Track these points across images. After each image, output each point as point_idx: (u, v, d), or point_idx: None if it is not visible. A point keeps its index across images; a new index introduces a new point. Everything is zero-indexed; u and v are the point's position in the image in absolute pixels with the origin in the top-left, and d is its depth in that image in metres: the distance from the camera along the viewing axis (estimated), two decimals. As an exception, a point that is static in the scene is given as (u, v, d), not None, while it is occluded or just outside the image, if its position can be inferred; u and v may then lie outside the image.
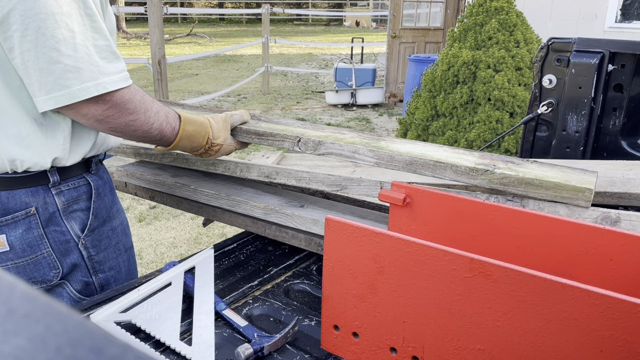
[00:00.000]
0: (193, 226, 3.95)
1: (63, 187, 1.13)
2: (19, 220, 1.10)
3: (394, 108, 8.36)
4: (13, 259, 1.12)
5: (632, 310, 0.60)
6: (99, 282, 1.23)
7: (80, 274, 1.20)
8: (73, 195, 1.15)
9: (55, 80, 0.94)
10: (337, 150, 1.13)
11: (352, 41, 10.79)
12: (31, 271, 1.14)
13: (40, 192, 1.11)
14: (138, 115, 1.04)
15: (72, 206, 1.15)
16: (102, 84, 0.97)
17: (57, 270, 1.16)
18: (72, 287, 1.19)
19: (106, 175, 1.26)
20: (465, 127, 3.92)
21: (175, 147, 1.17)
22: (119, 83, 0.99)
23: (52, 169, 1.11)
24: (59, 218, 1.14)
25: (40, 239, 1.12)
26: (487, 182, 0.99)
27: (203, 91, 9.15)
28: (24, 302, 0.22)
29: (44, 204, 1.11)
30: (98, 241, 1.21)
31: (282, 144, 1.20)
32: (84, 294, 1.21)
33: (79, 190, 1.16)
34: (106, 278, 1.24)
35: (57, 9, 0.92)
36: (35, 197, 1.10)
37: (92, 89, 0.96)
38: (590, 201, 0.92)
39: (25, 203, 1.10)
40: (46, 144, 1.07)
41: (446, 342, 0.78)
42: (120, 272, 1.28)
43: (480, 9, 4.04)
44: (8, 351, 0.19)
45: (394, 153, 1.08)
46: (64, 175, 1.13)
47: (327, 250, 0.86)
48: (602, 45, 1.83)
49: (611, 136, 1.92)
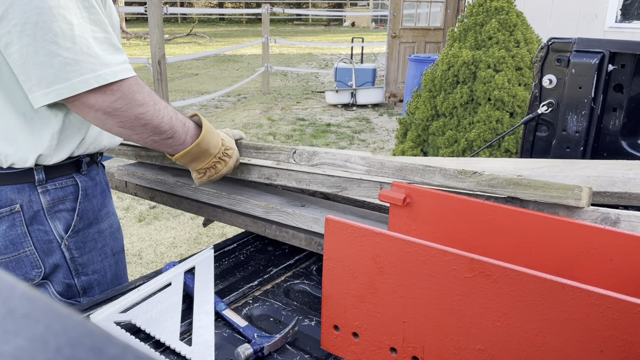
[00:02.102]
0: (193, 226, 3.95)
1: (49, 185, 1.12)
2: (3, 217, 1.09)
3: (394, 108, 8.36)
4: None
5: (632, 310, 0.60)
6: (82, 285, 1.21)
7: (62, 275, 1.18)
8: (59, 195, 1.13)
9: (55, 73, 0.93)
10: (329, 160, 1.16)
11: (352, 41, 10.79)
12: (13, 269, 1.12)
13: (26, 189, 1.09)
14: (147, 108, 1.01)
15: (58, 206, 1.14)
16: (101, 76, 0.95)
17: (39, 269, 1.14)
18: (53, 288, 1.18)
19: (99, 177, 1.24)
20: (465, 127, 3.92)
21: (192, 150, 1.12)
22: (120, 74, 0.97)
23: (38, 167, 1.09)
24: (43, 217, 1.12)
25: (23, 237, 1.11)
26: (475, 185, 0.99)
27: (203, 91, 9.15)
28: (24, 302, 0.22)
29: (29, 201, 1.10)
30: (82, 243, 1.19)
31: (279, 157, 1.23)
32: (65, 295, 1.19)
33: (65, 190, 1.14)
34: (89, 281, 1.22)
35: (55, 2, 0.92)
36: (20, 195, 1.09)
37: (91, 80, 0.94)
38: (581, 199, 0.90)
39: (11, 200, 1.09)
40: (32, 140, 1.05)
41: (446, 342, 0.78)
42: (105, 275, 1.26)
43: (480, 8, 4.04)
44: (8, 351, 0.19)
45: (384, 160, 1.10)
46: (51, 174, 1.11)
47: (327, 250, 0.86)
48: (602, 45, 1.83)
49: (611, 136, 1.92)
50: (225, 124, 7.14)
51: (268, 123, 7.25)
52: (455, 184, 1.01)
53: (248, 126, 7.02)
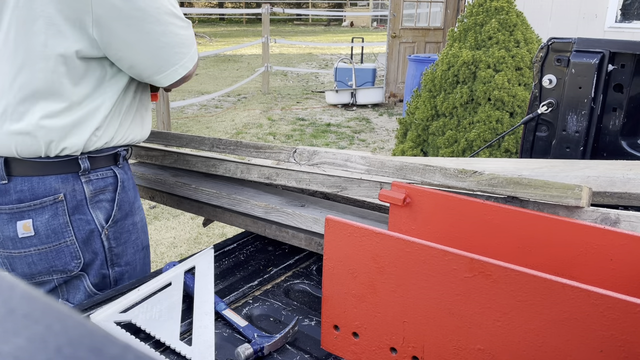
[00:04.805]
0: (193, 226, 3.95)
1: (92, 176, 1.16)
2: (46, 206, 1.12)
3: (394, 108, 8.36)
4: (37, 245, 1.14)
5: (632, 310, 0.60)
6: (114, 276, 1.25)
7: (99, 265, 1.21)
8: (100, 185, 1.18)
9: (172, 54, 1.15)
10: (330, 160, 1.16)
11: (352, 41, 10.79)
12: (53, 259, 1.16)
13: (70, 179, 1.14)
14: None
15: (99, 196, 1.18)
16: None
17: (79, 260, 1.18)
18: (89, 281, 1.21)
19: (130, 172, 1.29)
20: (465, 127, 3.92)
21: None
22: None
23: (83, 156, 1.14)
24: (86, 207, 1.16)
25: (65, 226, 1.14)
26: (475, 184, 0.99)
27: (203, 91, 9.15)
28: (24, 302, 0.22)
29: (73, 191, 1.14)
30: (119, 234, 1.24)
31: (279, 156, 1.24)
32: (99, 287, 1.23)
33: (105, 181, 1.19)
34: (121, 272, 1.26)
35: None
36: (64, 184, 1.13)
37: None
38: (581, 199, 0.90)
39: (55, 189, 1.12)
40: (83, 126, 1.11)
41: (446, 342, 0.78)
42: (135, 268, 1.30)
43: (480, 8, 4.04)
44: (8, 351, 0.19)
45: (384, 159, 1.10)
46: (93, 165, 1.16)
47: (327, 250, 0.86)
48: (602, 45, 1.82)
49: (611, 136, 1.92)
50: (226, 124, 7.14)
51: (268, 123, 7.25)
52: (455, 184, 1.01)
53: (248, 126, 7.02)
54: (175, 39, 1.12)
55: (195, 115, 7.72)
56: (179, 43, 1.13)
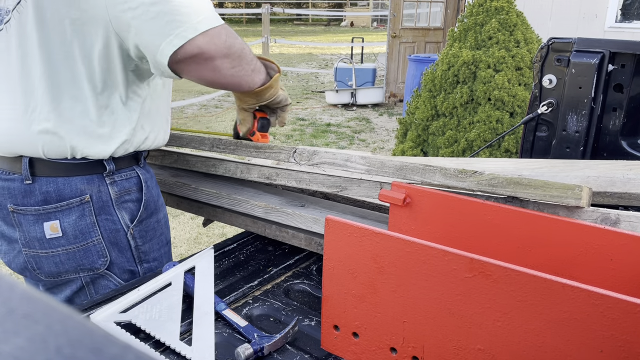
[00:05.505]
0: (193, 226, 3.95)
1: (117, 177, 1.18)
2: (73, 207, 1.13)
3: (394, 108, 8.36)
4: (64, 245, 1.15)
5: (632, 310, 0.60)
6: (143, 272, 1.27)
7: (127, 262, 1.23)
8: (125, 186, 1.19)
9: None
10: (330, 160, 1.17)
11: (352, 41, 10.79)
12: (80, 258, 1.17)
13: (95, 180, 1.15)
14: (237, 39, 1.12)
15: (124, 197, 1.19)
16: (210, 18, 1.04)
17: (105, 258, 1.19)
18: (117, 278, 1.23)
19: (151, 170, 1.30)
20: (465, 127, 3.92)
21: (275, 79, 1.29)
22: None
23: (109, 158, 1.15)
24: (111, 207, 1.17)
25: (92, 226, 1.16)
26: (475, 184, 0.99)
27: (203, 91, 9.15)
28: (24, 302, 0.22)
29: (98, 192, 1.15)
30: (145, 232, 1.25)
31: (279, 156, 1.24)
32: None
33: (130, 181, 1.20)
34: (150, 268, 1.28)
35: None
36: (90, 185, 1.14)
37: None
38: (581, 199, 0.90)
39: (81, 190, 1.13)
40: (110, 135, 1.12)
41: (446, 342, 0.78)
42: (162, 263, 1.31)
43: (480, 8, 4.04)
44: (8, 351, 0.19)
45: (384, 159, 1.10)
46: (118, 165, 1.17)
47: (327, 250, 0.86)
48: (602, 45, 1.82)
49: (611, 136, 1.92)
50: (226, 124, 7.14)
51: (268, 123, 7.24)
52: (455, 184, 1.01)
53: (248, 126, 7.01)
54: (167, 6, 0.98)
55: (195, 115, 7.73)
56: (172, 10, 0.98)
